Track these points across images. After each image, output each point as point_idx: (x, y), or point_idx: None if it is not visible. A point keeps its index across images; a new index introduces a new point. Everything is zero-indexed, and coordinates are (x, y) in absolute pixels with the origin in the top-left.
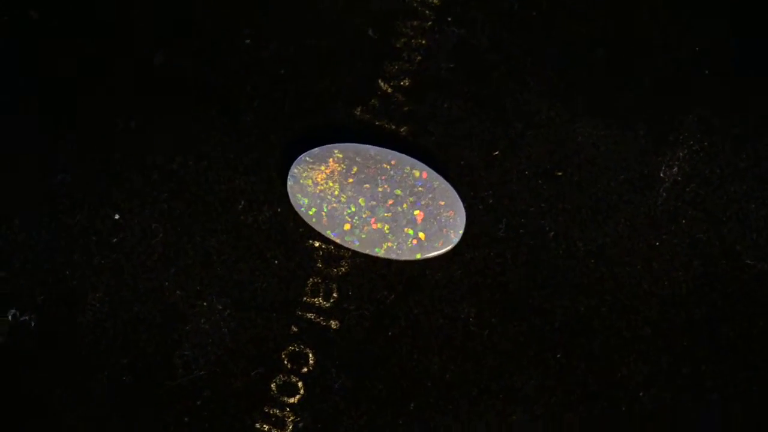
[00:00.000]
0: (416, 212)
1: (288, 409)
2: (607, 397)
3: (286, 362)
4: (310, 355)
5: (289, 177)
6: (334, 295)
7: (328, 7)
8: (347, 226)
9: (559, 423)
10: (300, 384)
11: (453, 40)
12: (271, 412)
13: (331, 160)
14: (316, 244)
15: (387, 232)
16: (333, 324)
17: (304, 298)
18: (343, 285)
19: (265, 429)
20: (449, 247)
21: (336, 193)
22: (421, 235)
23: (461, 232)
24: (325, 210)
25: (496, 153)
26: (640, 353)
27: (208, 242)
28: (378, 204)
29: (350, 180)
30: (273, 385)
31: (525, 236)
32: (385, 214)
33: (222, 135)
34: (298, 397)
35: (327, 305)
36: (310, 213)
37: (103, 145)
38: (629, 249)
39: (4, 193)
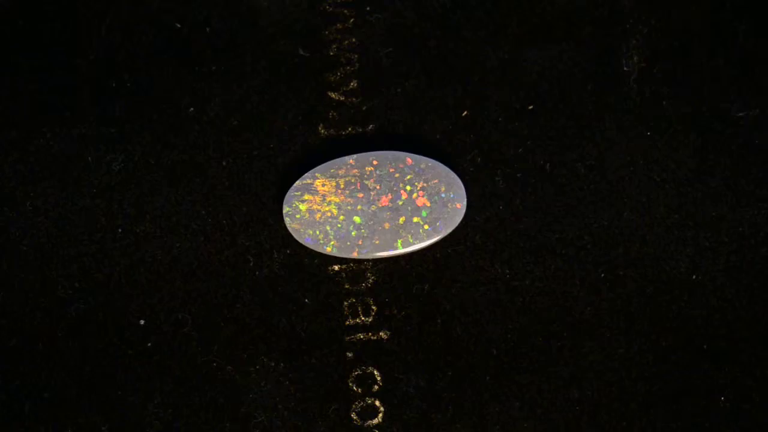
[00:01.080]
0: (416, 198)
1: (377, 431)
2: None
3: (355, 388)
4: (375, 372)
5: (284, 217)
6: (373, 308)
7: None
8: (360, 241)
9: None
10: (377, 403)
11: (381, 25)
12: None
13: (316, 184)
14: (336, 267)
15: (397, 228)
16: (383, 335)
17: (347, 323)
18: (377, 295)
19: None
20: (460, 218)
21: (335, 212)
22: (428, 217)
23: (465, 200)
24: (332, 233)
25: (465, 113)
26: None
27: (236, 309)
28: (378, 206)
29: (342, 197)
30: (353, 415)
31: (524, 178)
32: (388, 213)
33: (206, 207)
34: (380, 415)
35: (370, 320)
36: (321, 242)
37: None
38: (626, 148)
39: None
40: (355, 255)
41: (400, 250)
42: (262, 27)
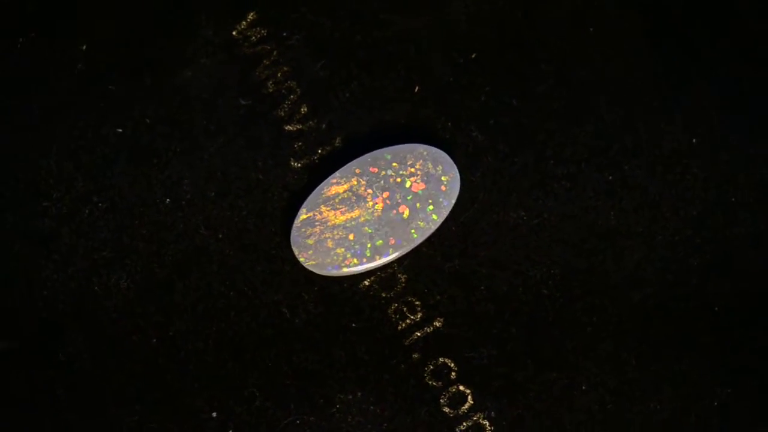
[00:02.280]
0: (411, 186)
1: (473, 413)
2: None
3: (435, 383)
4: (446, 361)
5: (299, 258)
6: (416, 303)
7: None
8: (378, 248)
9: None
10: (461, 387)
11: (303, 44)
12: (474, 419)
13: (314, 216)
14: (366, 282)
15: (406, 221)
16: (437, 323)
17: (399, 327)
18: (414, 290)
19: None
20: (458, 186)
21: (343, 233)
22: (429, 197)
23: (455, 168)
24: (349, 253)
25: (417, 89)
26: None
27: (294, 363)
28: (380, 209)
29: (343, 216)
30: (445, 409)
31: (497, 122)
32: (393, 212)
33: (223, 283)
34: (469, 397)
35: (419, 316)
36: (342, 266)
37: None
38: (566, 51)
39: None
40: (378, 261)
41: (418, 239)
42: (196, 96)
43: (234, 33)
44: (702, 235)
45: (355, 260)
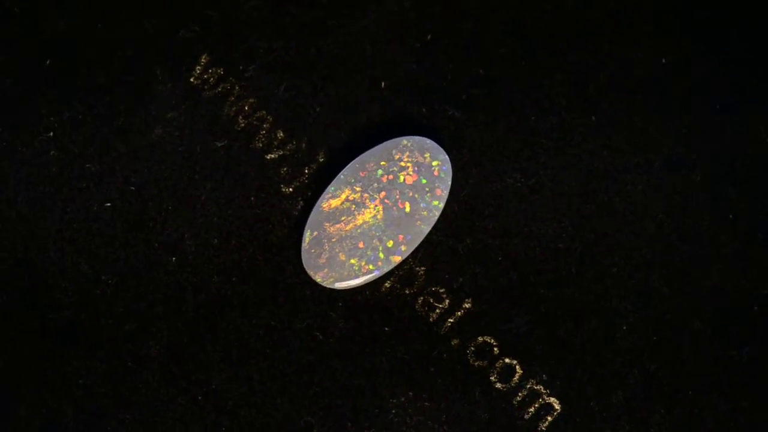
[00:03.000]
0: (405, 181)
1: (524, 380)
2: None
3: (480, 363)
4: (486, 339)
5: (317, 279)
6: (441, 291)
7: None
8: (390, 248)
9: None
10: (507, 360)
11: (261, 72)
12: (528, 387)
13: (320, 235)
14: (387, 284)
15: (409, 215)
16: (467, 305)
17: (431, 319)
18: (436, 279)
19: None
20: (450, 168)
21: (352, 243)
22: (425, 186)
23: (443, 152)
24: (363, 260)
25: (383, 84)
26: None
27: (340, 380)
28: (381, 211)
29: (347, 226)
30: (498, 385)
31: (468, 95)
32: (394, 210)
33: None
34: (517, 367)
35: (447, 303)
36: (360, 275)
37: None
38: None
39: None
40: (393, 261)
41: (425, 229)
42: (173, 150)
43: (192, 80)
44: (698, 149)
45: (371, 266)
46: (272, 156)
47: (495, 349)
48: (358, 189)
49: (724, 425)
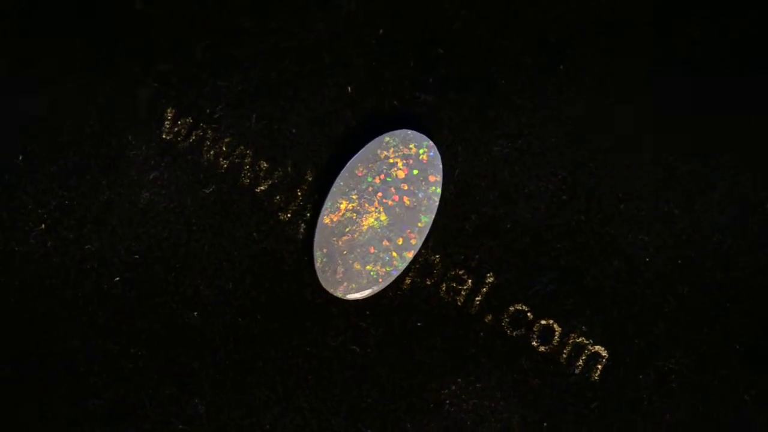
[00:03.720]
0: (396, 177)
1: (565, 336)
2: None
3: (513, 332)
4: (518, 307)
5: (338, 295)
6: (461, 273)
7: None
8: (401, 243)
9: None
10: (543, 321)
11: (229, 108)
12: (572, 342)
13: (330, 250)
14: (408, 281)
15: (410, 210)
16: (489, 279)
17: (458, 303)
18: (452, 262)
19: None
20: (437, 154)
21: (364, 250)
22: (418, 177)
23: (427, 138)
24: (378, 265)
25: (350, 89)
26: None
27: (390, 385)
28: (383, 213)
29: (354, 236)
30: (540, 348)
31: (448, 78)
32: (396, 207)
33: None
34: (555, 325)
35: (469, 284)
36: (380, 279)
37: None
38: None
39: None
40: (409, 256)
41: (430, 217)
42: (165, 208)
43: (164, 136)
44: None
45: (387, 268)
46: (262, 188)
47: (528, 314)
48: (354, 197)
49: None
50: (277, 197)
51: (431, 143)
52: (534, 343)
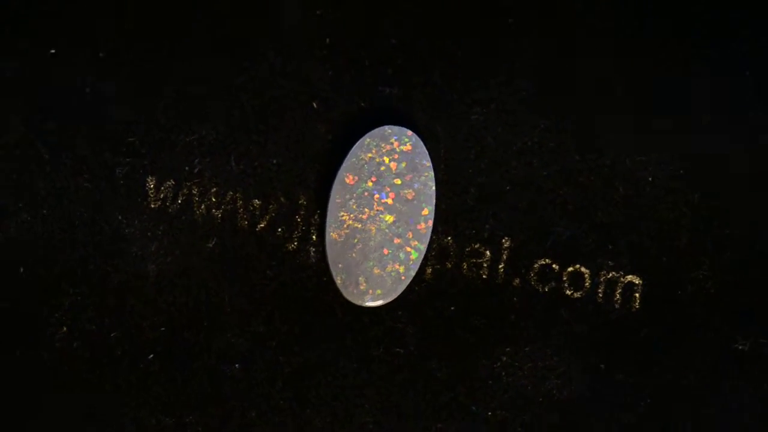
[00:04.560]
0: (388, 172)
1: (590, 294)
2: None
3: (552, 285)
4: (545, 261)
5: (368, 305)
6: (476, 246)
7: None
8: (411, 237)
9: None
10: (576, 266)
11: (206, 159)
12: (602, 281)
13: (346, 265)
14: (428, 270)
15: (411, 203)
16: (506, 244)
17: (483, 276)
18: (466, 239)
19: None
20: (418, 139)
21: (378, 255)
22: (412, 167)
23: (406, 129)
24: (397, 264)
25: (315, 104)
26: None
27: (444, 376)
28: (385, 214)
29: (366, 242)
30: (578, 296)
31: (407, 65)
32: (397, 204)
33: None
34: (587, 275)
35: (488, 254)
36: (400, 278)
37: None
38: None
39: None
40: (421, 248)
41: (432, 203)
42: (174, 272)
43: (152, 206)
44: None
45: (403, 268)
46: (262, 225)
47: (554, 266)
48: (353, 206)
49: None
50: (279, 230)
51: (410, 132)
52: (568, 292)
